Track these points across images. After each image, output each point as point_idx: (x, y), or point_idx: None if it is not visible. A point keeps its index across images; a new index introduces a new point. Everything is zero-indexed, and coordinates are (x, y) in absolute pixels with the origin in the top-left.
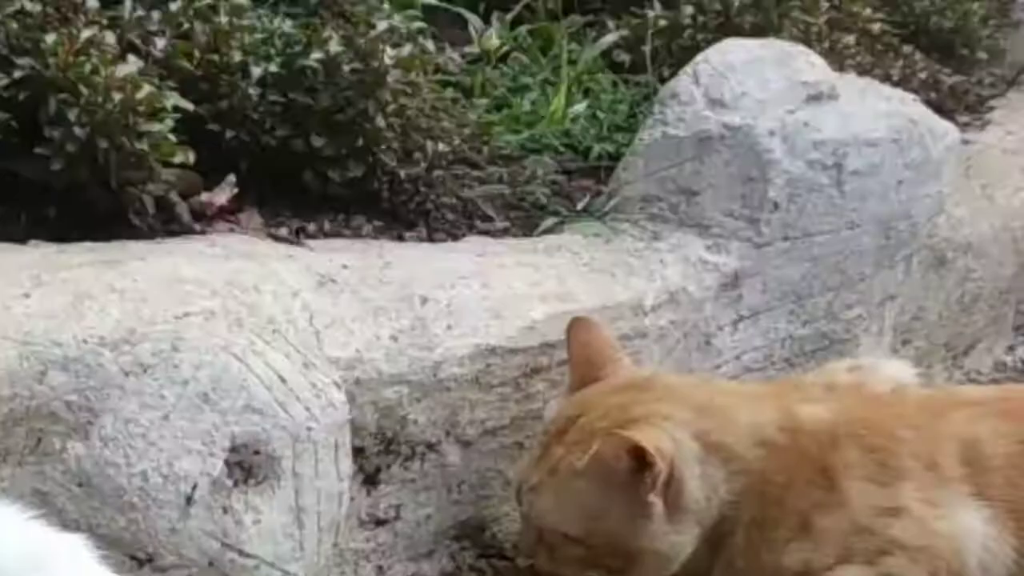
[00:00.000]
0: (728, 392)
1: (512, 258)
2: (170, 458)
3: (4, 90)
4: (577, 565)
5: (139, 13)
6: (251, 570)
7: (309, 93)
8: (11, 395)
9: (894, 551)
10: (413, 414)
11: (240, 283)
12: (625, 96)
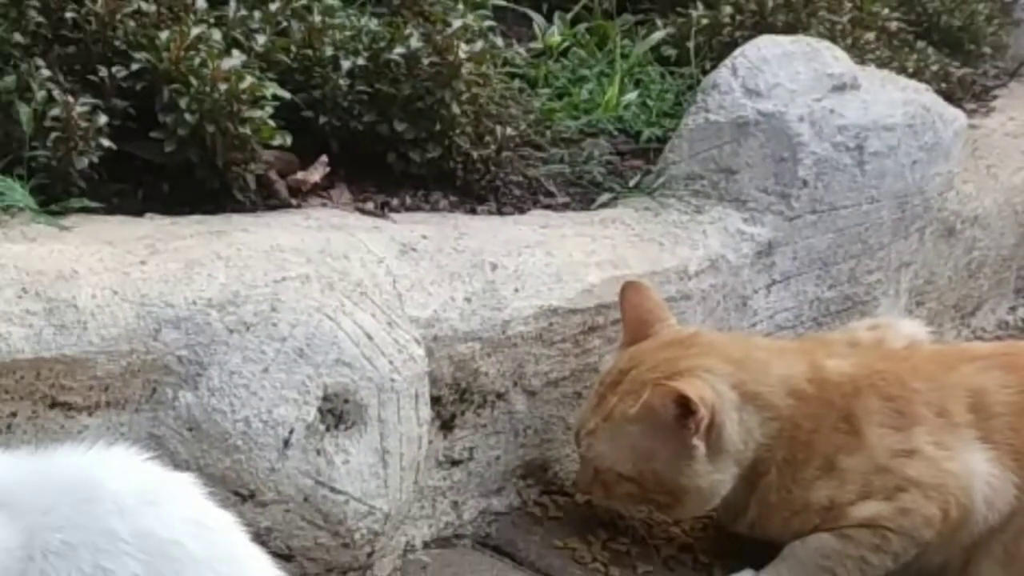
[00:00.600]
0: (762, 347)
1: (572, 229)
2: (269, 406)
3: (123, 81)
4: (629, 500)
5: (242, 12)
6: (341, 505)
7: (392, 84)
8: (129, 350)
9: (909, 488)
10: (484, 367)
11: (331, 251)
12: (671, 86)
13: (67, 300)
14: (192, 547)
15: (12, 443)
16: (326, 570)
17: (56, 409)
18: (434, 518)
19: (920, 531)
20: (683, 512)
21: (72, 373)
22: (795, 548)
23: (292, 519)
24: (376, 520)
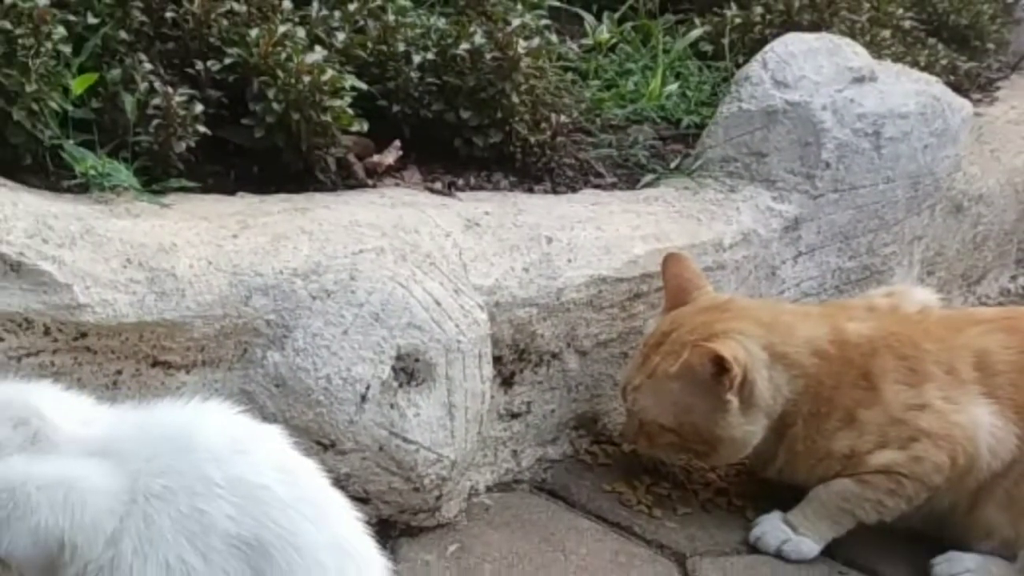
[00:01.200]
0: (790, 312)
1: (619, 206)
2: (348, 365)
3: (217, 74)
4: (670, 449)
5: (324, 12)
6: (413, 453)
7: (458, 76)
8: (222, 315)
9: (921, 438)
10: (540, 330)
11: (404, 226)
12: (708, 78)
13: (167, 270)
14: (279, 491)
15: (118, 398)
16: (399, 512)
17: (157, 367)
18: (495, 465)
19: (931, 477)
20: (719, 460)
21: (171, 335)
22: (819, 492)
23: (368, 466)
24: (444, 467)
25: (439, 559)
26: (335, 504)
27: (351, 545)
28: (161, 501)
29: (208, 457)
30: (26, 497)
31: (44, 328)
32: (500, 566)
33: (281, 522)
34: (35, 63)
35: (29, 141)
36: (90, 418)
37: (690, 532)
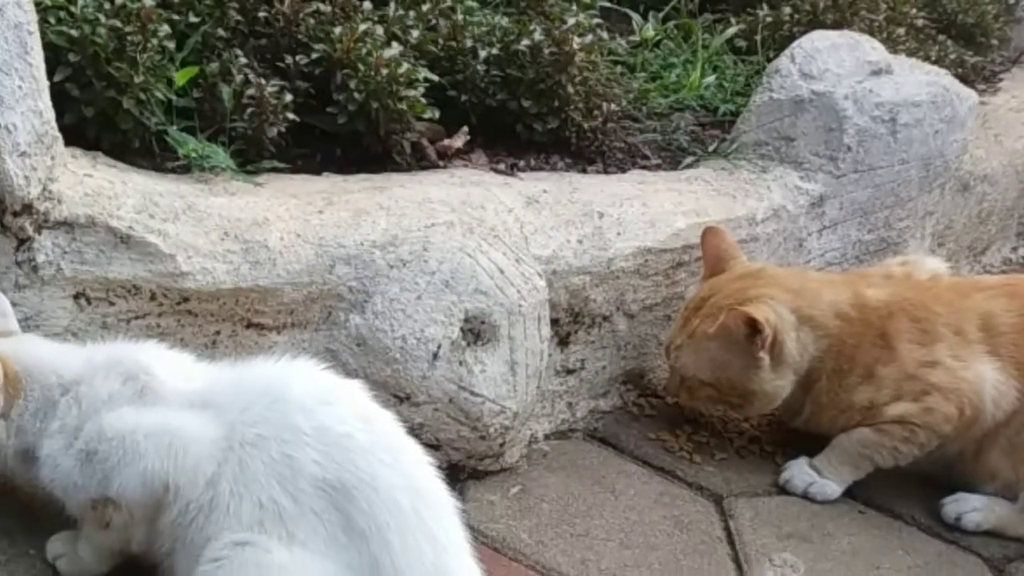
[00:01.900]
0: (815, 279)
1: (663, 185)
2: (422, 326)
3: (304, 67)
4: (708, 401)
5: (400, 12)
6: (479, 405)
7: (520, 69)
8: (309, 282)
9: (932, 392)
10: (593, 295)
11: (471, 202)
12: (742, 71)
13: (260, 242)
14: (360, 439)
15: (216, 356)
16: (467, 457)
17: (251, 329)
18: (553, 416)
19: (941, 426)
20: (751, 411)
21: (264, 300)
22: (841, 440)
23: (440, 417)
24: (507, 417)
25: (502, 499)
26: (410, 450)
27: (424, 487)
28: (255, 448)
29: (297, 408)
30: (135, 444)
31: (151, 294)
32: (556, 506)
33: (362, 466)
34: (142, 57)
35: (137, 127)
36: (191, 374)
37: (726, 475)
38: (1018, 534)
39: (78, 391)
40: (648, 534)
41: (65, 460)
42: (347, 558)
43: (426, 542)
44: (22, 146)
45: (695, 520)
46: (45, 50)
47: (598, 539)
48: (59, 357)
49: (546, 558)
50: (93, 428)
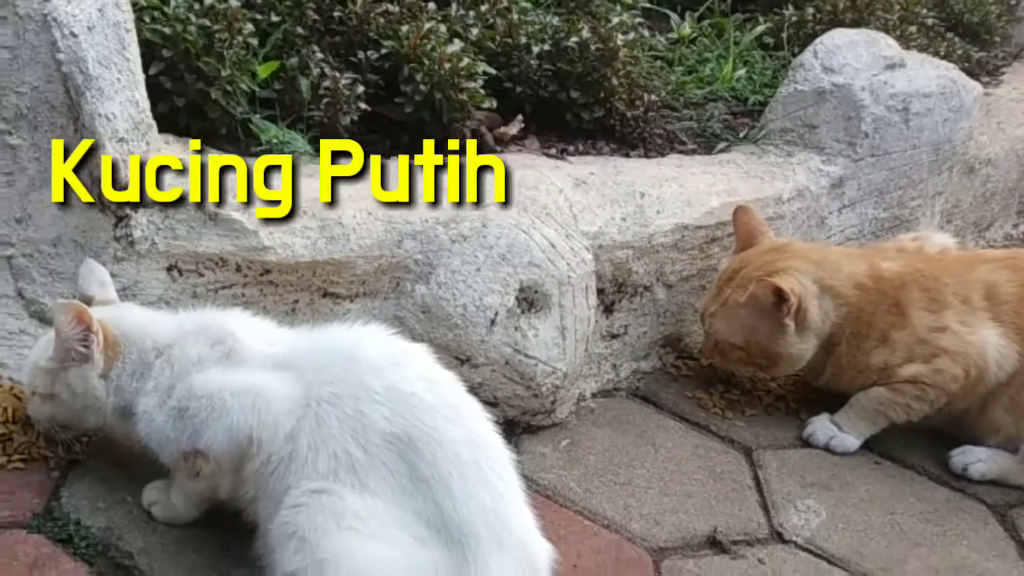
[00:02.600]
0: (835, 253)
1: (698, 168)
2: (480, 295)
3: (374, 62)
4: (739, 363)
5: (461, 12)
6: (532, 367)
7: (569, 63)
8: (379, 255)
9: (941, 354)
10: (635, 267)
11: (525, 183)
12: (770, 65)
13: (335, 219)
14: (426, 397)
15: (295, 322)
16: (521, 414)
17: (327, 298)
18: (599, 376)
19: (949, 385)
20: (778, 372)
21: (338, 272)
22: (859, 398)
23: (497, 377)
24: (557, 377)
25: (553, 451)
26: (470, 407)
27: (483, 440)
28: (330, 405)
29: (368, 369)
30: (222, 402)
31: (236, 266)
32: (602, 457)
33: (427, 422)
34: (229, 53)
35: (224, 116)
36: (273, 338)
37: (755, 430)
38: (1019, 483)
39: (171, 354)
40: (685, 483)
41: (159, 416)
42: (413, 504)
43: (485, 490)
44: (120, 132)
45: (727, 470)
46: (141, 46)
47: (640, 487)
48: (153, 323)
49: (593, 504)
50: (184, 387)
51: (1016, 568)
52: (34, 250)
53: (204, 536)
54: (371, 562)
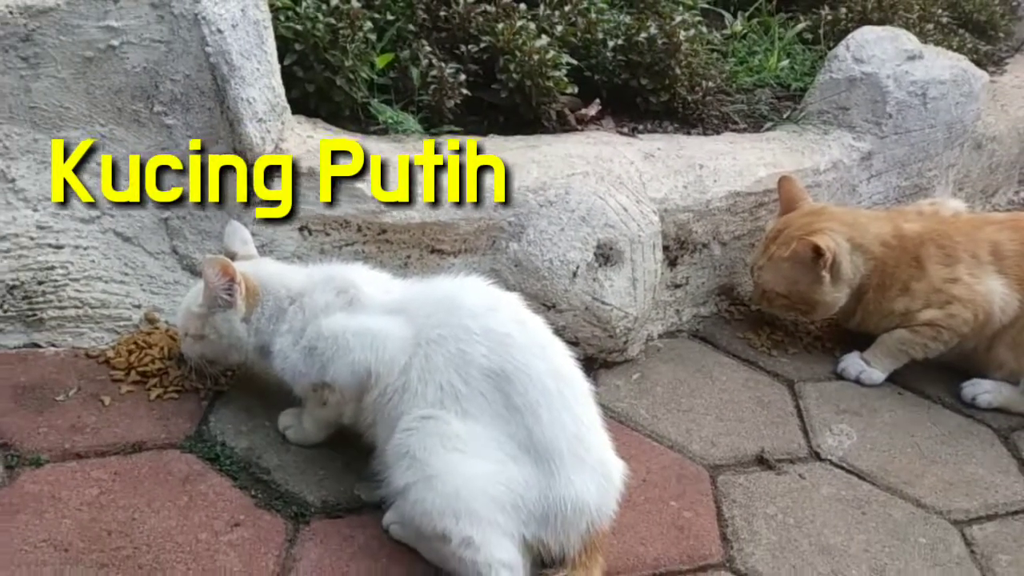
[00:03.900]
0: (864, 216)
1: (749, 144)
2: (564, 251)
3: (475, 54)
4: (783, 309)
5: (547, 12)
6: (608, 312)
7: (639, 55)
8: (479, 218)
9: (954, 301)
10: (695, 228)
11: (602, 157)
12: (809, 57)
13: (442, 187)
14: (518, 337)
15: (407, 274)
16: (598, 352)
17: (434, 253)
18: (664, 320)
19: (960, 328)
20: (816, 316)
21: (444, 232)
22: (884, 338)
23: (578, 320)
24: (629, 321)
25: (625, 383)
26: (556, 346)
27: (566, 374)
28: (437, 344)
29: (469, 314)
30: (345, 342)
31: (357, 227)
32: (667, 388)
33: (519, 358)
34: (351, 46)
35: (347, 100)
36: (388, 288)
37: (796, 365)
38: (1020, 410)
39: (302, 301)
40: (737, 410)
41: (292, 354)
42: (507, 429)
43: (568, 416)
44: (259, 114)
45: (773, 399)
46: (276, 41)
47: (699, 414)
48: (287, 275)
49: (659, 428)
50: (314, 329)
51: (1018, 482)
52: (187, 213)
53: (330, 456)
54: (471, 476)
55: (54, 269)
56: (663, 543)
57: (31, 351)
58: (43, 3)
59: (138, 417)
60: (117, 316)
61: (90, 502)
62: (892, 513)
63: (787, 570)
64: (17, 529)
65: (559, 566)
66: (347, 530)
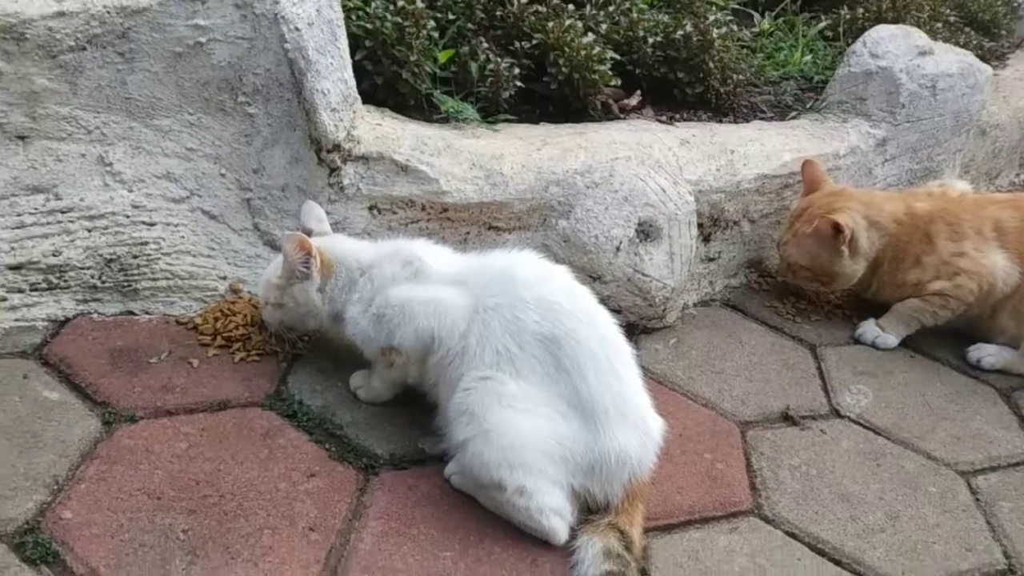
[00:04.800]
0: (880, 195)
1: (775, 131)
2: (608, 228)
3: (527, 50)
4: (806, 280)
5: (593, 11)
6: (648, 283)
7: (676, 51)
8: (531, 198)
9: (961, 273)
10: (727, 207)
11: (643, 143)
12: (829, 52)
13: (497, 170)
14: (567, 305)
15: (466, 248)
16: (639, 319)
17: (491, 230)
18: (699, 290)
19: (966, 297)
20: (836, 287)
21: (499, 210)
22: (898, 307)
23: (621, 291)
24: (667, 291)
25: (664, 348)
26: (601, 313)
27: (611, 339)
28: (493, 312)
29: (523, 285)
30: (411, 309)
31: (421, 206)
32: (702, 351)
33: (568, 324)
34: (416, 43)
35: (412, 91)
36: (449, 261)
37: (818, 331)
38: (1020, 372)
39: (371, 273)
40: (764, 371)
41: (363, 320)
42: (556, 388)
43: (612, 377)
44: (333, 104)
45: (797, 362)
46: (348, 38)
47: (730, 375)
48: (358, 249)
49: (694, 388)
50: (382, 298)
51: (1018, 437)
52: (267, 194)
53: (397, 413)
54: (524, 431)
55: (147, 244)
56: (698, 492)
57: (127, 318)
58: (137, 3)
59: (223, 378)
60: (204, 287)
61: (180, 455)
62: (905, 465)
63: (810, 516)
64: (115, 479)
65: (604, 512)
66: (412, 480)
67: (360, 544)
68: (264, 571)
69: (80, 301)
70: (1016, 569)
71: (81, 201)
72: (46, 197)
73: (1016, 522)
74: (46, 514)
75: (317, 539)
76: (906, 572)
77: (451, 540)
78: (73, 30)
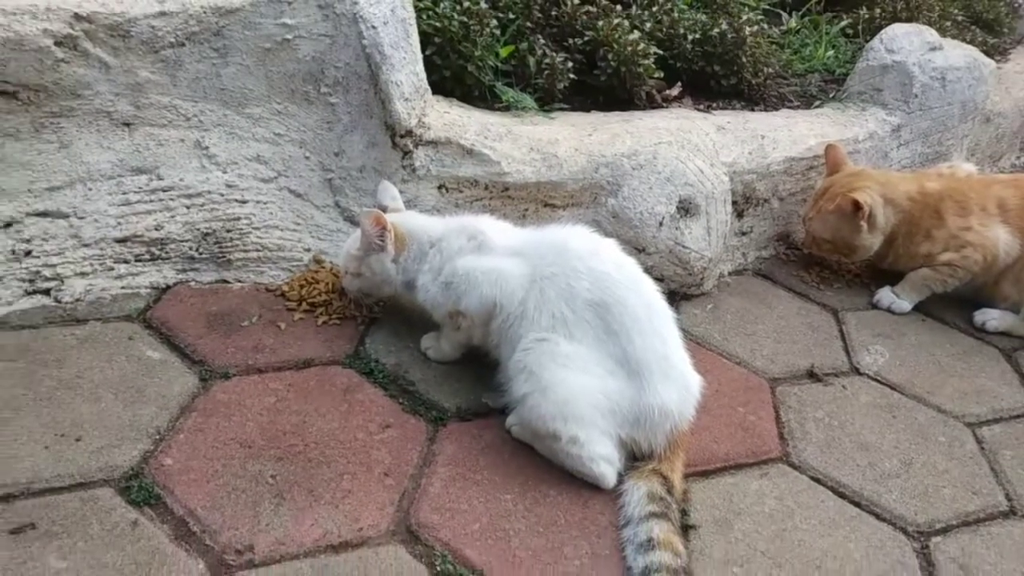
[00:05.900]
0: (896, 176)
1: (801, 119)
2: (652, 205)
3: (580, 46)
4: (829, 252)
5: (638, 11)
6: (688, 254)
7: (712, 46)
8: (583, 178)
9: (967, 246)
10: (758, 187)
11: (683, 129)
12: (850, 48)
13: (552, 153)
14: (615, 275)
15: (525, 224)
16: (679, 287)
17: (547, 207)
18: (732, 261)
19: (973, 268)
20: (855, 258)
21: (555, 190)
22: (911, 276)
23: (663, 261)
24: (705, 262)
25: (702, 312)
26: (646, 282)
27: (655, 304)
28: (549, 281)
29: (576, 256)
30: (475, 278)
31: (484, 186)
32: (735, 315)
33: (616, 292)
34: (480, 39)
35: (476, 83)
36: (510, 235)
37: (840, 298)
38: (1020, 334)
39: (440, 245)
40: (792, 333)
41: (432, 288)
42: (606, 349)
43: (656, 339)
44: (406, 94)
45: (821, 325)
46: (419, 35)
47: (760, 336)
48: (428, 224)
49: (729, 348)
50: (449, 268)
51: (1019, 392)
52: (347, 174)
53: (463, 371)
54: (577, 387)
55: (239, 220)
56: (732, 442)
57: (221, 286)
58: (231, 3)
59: (307, 339)
60: (290, 258)
61: (268, 408)
62: (917, 417)
63: (833, 463)
64: (211, 430)
65: (648, 460)
66: (476, 431)
67: (430, 488)
68: (344, 512)
69: (179, 270)
70: (1017, 511)
71: (180, 181)
72: (149, 177)
73: (1017, 468)
74: (149, 461)
75: (391, 483)
76: (918, 513)
77: (511, 484)
78: (173, 28)
